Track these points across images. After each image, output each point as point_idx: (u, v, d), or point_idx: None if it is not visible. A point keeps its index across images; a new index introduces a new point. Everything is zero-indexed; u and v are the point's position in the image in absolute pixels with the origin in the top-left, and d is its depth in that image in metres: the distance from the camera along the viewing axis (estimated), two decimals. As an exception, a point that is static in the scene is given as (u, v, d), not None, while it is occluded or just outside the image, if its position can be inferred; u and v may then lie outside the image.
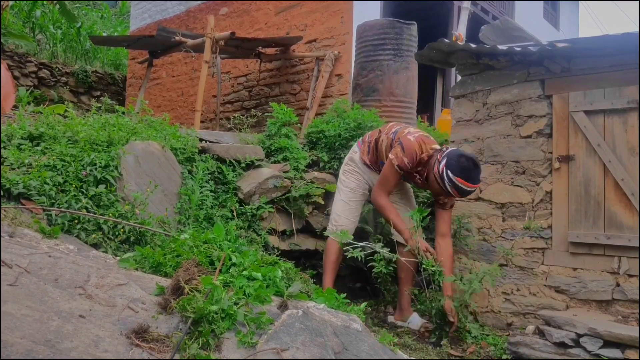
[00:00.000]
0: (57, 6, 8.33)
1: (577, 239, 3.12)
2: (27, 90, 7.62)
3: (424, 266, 3.05)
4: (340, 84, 6.21)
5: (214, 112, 7.46)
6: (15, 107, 3.97)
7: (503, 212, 3.48)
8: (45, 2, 10.14)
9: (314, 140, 4.40)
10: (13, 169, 2.72)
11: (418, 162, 3.15)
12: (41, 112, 3.69)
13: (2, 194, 2.52)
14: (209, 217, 3.33)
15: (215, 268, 2.25)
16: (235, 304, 1.98)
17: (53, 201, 2.64)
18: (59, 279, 1.87)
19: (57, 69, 9.66)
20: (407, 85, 5.23)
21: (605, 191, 3.06)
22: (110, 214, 2.73)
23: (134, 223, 2.73)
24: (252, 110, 6.83)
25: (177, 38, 6.18)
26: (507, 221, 3.45)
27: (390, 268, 3.09)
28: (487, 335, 3.23)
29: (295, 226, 3.80)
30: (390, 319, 3.55)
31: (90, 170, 2.84)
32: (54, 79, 9.60)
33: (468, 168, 2.98)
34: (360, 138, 3.65)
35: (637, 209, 2.93)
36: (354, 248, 2.98)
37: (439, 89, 8.67)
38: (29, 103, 5.54)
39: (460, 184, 2.97)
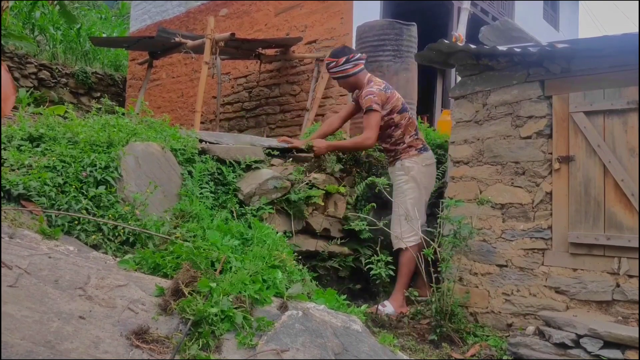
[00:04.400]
0: (57, 7, 8.33)
1: (577, 240, 3.12)
2: (27, 91, 7.63)
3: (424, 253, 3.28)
4: (340, 84, 6.20)
5: (214, 113, 7.45)
6: (15, 108, 3.97)
7: (503, 213, 3.48)
8: (44, 3, 10.14)
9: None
10: (13, 170, 2.72)
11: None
12: (41, 113, 3.69)
13: (2, 195, 2.52)
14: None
15: (215, 269, 2.25)
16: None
17: (53, 202, 2.64)
18: (59, 280, 1.87)
19: (57, 70, 9.66)
20: (407, 86, 5.23)
21: (605, 192, 3.06)
22: (110, 215, 2.73)
23: (134, 225, 2.73)
24: (252, 111, 6.83)
25: (177, 39, 6.17)
26: (507, 222, 3.45)
27: (390, 270, 3.16)
28: (488, 336, 3.23)
29: (295, 227, 3.79)
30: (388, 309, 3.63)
31: (90, 171, 2.84)
32: (54, 80, 9.60)
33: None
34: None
35: (637, 209, 2.93)
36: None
37: (438, 90, 8.68)
38: (29, 104, 5.55)
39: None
